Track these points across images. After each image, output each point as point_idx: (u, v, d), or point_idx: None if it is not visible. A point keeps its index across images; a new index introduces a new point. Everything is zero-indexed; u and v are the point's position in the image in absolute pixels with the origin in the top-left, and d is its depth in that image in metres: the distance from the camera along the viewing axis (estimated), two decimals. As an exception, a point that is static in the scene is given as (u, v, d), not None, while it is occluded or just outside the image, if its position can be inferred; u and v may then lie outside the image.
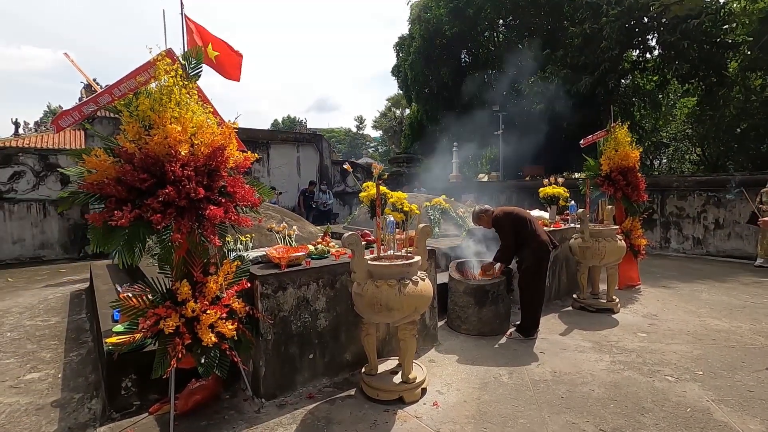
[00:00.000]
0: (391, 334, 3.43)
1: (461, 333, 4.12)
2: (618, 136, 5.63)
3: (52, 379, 3.34)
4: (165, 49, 2.46)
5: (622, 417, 2.67)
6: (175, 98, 2.34)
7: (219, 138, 2.52)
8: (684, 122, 17.67)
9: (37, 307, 5.36)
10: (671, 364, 3.42)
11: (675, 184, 9.05)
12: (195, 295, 2.49)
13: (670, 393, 2.96)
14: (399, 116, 36.67)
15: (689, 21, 10.89)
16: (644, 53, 13.81)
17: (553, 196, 6.01)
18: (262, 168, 12.04)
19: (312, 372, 3.07)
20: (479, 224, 4.29)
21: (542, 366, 3.42)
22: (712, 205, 8.35)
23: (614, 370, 3.32)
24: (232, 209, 2.57)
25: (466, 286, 4.10)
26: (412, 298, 2.72)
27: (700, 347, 3.75)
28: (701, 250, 8.47)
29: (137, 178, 2.25)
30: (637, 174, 5.75)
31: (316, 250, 3.36)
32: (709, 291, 5.71)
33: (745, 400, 2.84)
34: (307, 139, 13.36)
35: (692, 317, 4.59)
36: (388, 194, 4.18)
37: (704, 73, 12.18)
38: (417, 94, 18.42)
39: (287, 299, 2.93)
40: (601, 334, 4.10)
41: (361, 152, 40.86)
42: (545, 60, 13.88)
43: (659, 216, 9.12)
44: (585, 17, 12.72)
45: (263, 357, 2.84)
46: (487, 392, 3.01)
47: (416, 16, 17.29)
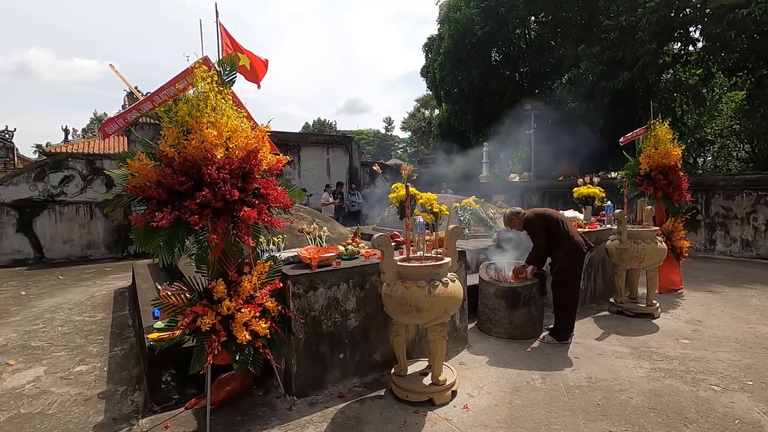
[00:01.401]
0: (421, 336, 3.42)
1: (492, 336, 4.05)
2: (658, 133, 5.40)
3: (98, 371, 3.54)
4: (202, 56, 2.56)
5: (663, 427, 2.55)
6: (211, 104, 2.44)
7: (252, 141, 2.60)
8: (731, 117, 16.70)
9: (85, 304, 5.68)
10: (717, 372, 3.25)
11: (721, 183, 8.56)
12: (230, 294, 2.57)
13: (715, 403, 2.80)
14: (428, 117, 36.50)
15: (737, 11, 10.27)
16: (686, 46, 13.12)
17: (588, 197, 5.82)
18: (293, 170, 12.28)
19: (342, 371, 3.11)
20: (511, 227, 4.22)
21: (577, 371, 3.32)
22: (763, 205, 7.85)
23: (654, 378, 3.18)
24: (265, 210, 2.64)
25: (496, 288, 4.03)
26: (441, 299, 2.71)
27: (750, 356, 3.54)
28: (750, 253, 7.97)
29: (176, 180, 2.35)
30: (679, 173, 5.49)
31: (346, 251, 3.40)
32: (759, 296, 5.37)
33: (801, 414, 2.66)
34: (337, 141, 13.52)
35: (741, 324, 4.33)
36: (418, 195, 4.18)
37: (754, 65, 11.47)
38: (446, 94, 18.27)
39: (318, 299, 2.98)
40: (640, 340, 3.94)
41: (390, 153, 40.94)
42: (580, 56, 13.45)
43: (704, 217, 8.66)
44: (621, 10, 12.24)
45: (295, 355, 2.90)
46: (519, 397, 2.95)
47: (445, 16, 17.16)
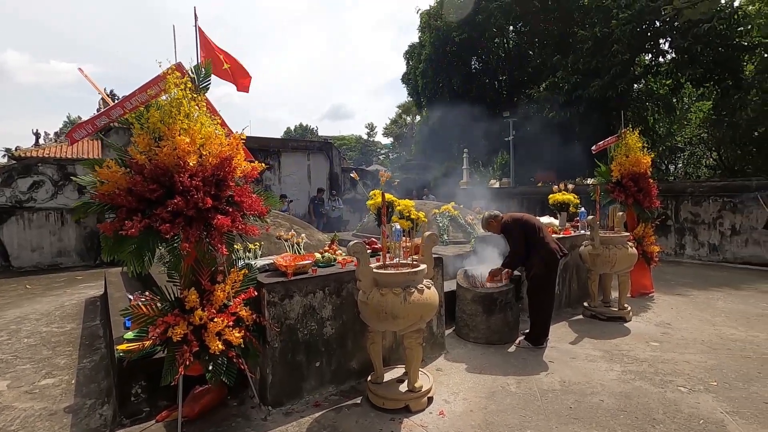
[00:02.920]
0: (398, 342, 3.42)
1: (469, 341, 4.09)
2: (629, 141, 5.58)
3: (65, 384, 3.42)
4: (175, 63, 2.53)
5: (632, 428, 2.62)
6: (184, 110, 2.41)
7: (227, 149, 2.58)
8: (699, 126, 17.37)
9: (54, 314, 5.49)
10: (684, 374, 3.35)
11: (689, 189, 8.89)
12: (203, 303, 2.53)
13: (682, 404, 2.89)
14: (409, 123, 36.78)
15: (702, 25, 10.75)
16: (657, 57, 13.66)
17: (563, 203, 5.95)
18: (273, 176, 12.19)
19: (319, 380, 3.08)
20: (488, 230, 4.26)
21: (551, 375, 3.38)
22: (729, 211, 8.17)
23: (625, 380, 3.26)
24: (239, 218, 2.62)
25: (474, 294, 4.08)
26: (417, 306, 2.72)
27: (715, 357, 3.67)
28: (717, 257, 8.28)
29: (147, 188, 2.31)
30: (649, 180, 5.68)
31: (322, 258, 3.39)
32: (725, 299, 5.58)
33: (761, 413, 2.77)
34: (318, 147, 13.49)
35: (707, 326, 4.49)
36: (396, 202, 4.20)
37: (719, 76, 12.00)
38: (427, 101, 18.50)
39: (294, 307, 2.96)
40: (612, 343, 4.04)
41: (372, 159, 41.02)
42: (556, 65, 13.82)
43: (673, 222, 8.96)
44: (595, 21, 12.65)
45: (270, 364, 2.87)
46: (494, 402, 2.98)
47: (426, 24, 17.41)
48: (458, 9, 15.61)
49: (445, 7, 16.34)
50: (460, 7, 15.52)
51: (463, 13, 15.28)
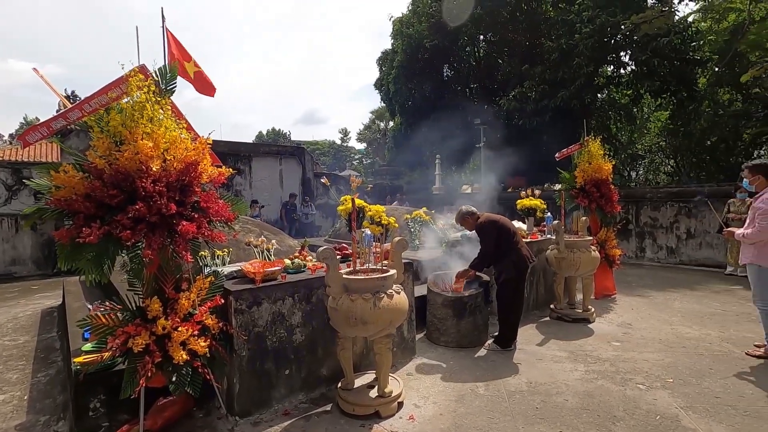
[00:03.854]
0: (369, 348, 3.42)
1: (440, 345, 4.13)
2: (591, 149, 5.80)
3: (17, 401, 3.23)
4: (138, 65, 2.46)
5: (594, 426, 2.71)
6: (148, 114, 2.35)
7: (192, 153, 2.53)
8: (658, 135, 18.28)
9: (5, 326, 5.18)
10: (643, 372, 3.50)
11: (648, 195, 9.32)
12: (166, 312, 2.46)
13: (640, 401, 3.02)
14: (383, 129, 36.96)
15: (659, 39, 11.33)
16: (618, 69, 14.30)
17: (531, 208, 6.13)
18: (244, 181, 11.98)
19: (288, 388, 3.04)
20: (462, 225, 4.26)
21: (518, 377, 3.45)
22: (684, 216, 8.62)
23: (588, 380, 3.38)
24: (205, 224, 2.57)
25: (444, 299, 4.13)
26: (387, 311, 2.74)
27: (671, 355, 3.85)
28: (675, 259, 8.70)
29: (107, 194, 2.24)
30: (610, 186, 5.92)
31: (292, 265, 3.36)
32: (681, 299, 5.87)
33: (712, 407, 2.92)
34: (290, 152, 13.37)
35: (665, 325, 4.70)
36: (366, 207, 4.21)
37: (675, 88, 12.66)
38: (400, 107, 18.64)
39: (262, 314, 2.91)
40: (577, 344, 4.17)
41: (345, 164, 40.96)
42: (524, 75, 14.23)
43: (634, 226, 9.36)
44: (560, 34, 13.13)
45: (237, 374, 2.81)
46: (463, 405, 3.02)
47: (398, 30, 17.59)
48: (429, 17, 15.86)
49: (417, 15, 16.59)
50: (431, 15, 15.78)
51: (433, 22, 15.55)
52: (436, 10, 15.72)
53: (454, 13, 14.24)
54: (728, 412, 2.85)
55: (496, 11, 14.59)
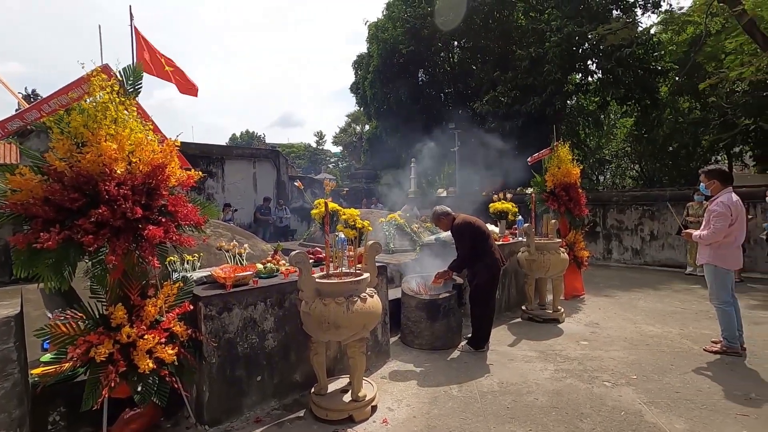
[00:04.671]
0: (343, 352, 3.41)
1: (414, 348, 4.15)
2: (560, 154, 5.98)
3: (-32, 416, 3.04)
4: (101, 64, 2.39)
5: (563, 424, 2.78)
6: (111, 115, 2.27)
7: (159, 156, 2.47)
8: (624, 141, 19.02)
9: (-43, 337, 4.88)
10: (609, 369, 3.62)
11: (614, 198, 9.67)
12: (131, 319, 2.38)
13: (606, 398, 3.12)
14: (359, 132, 36.97)
15: (623, 49, 11.82)
16: (586, 77, 14.82)
17: (503, 211, 6.25)
18: (216, 184, 11.73)
19: (260, 394, 2.99)
20: (438, 225, 4.29)
21: (491, 378, 3.51)
22: (648, 218, 8.98)
23: (557, 378, 3.46)
24: (173, 229, 2.50)
25: (418, 301, 4.15)
26: (360, 315, 2.73)
27: (635, 353, 3.99)
28: (639, 260, 9.06)
29: (67, 197, 2.15)
30: (579, 190, 6.11)
31: (264, 269, 3.31)
32: (645, 299, 6.10)
33: (673, 401, 3.05)
34: (264, 155, 13.18)
35: (629, 324, 4.88)
36: (341, 211, 4.20)
37: (639, 96, 13.22)
38: (376, 111, 18.71)
39: (233, 320, 2.86)
40: (547, 344, 4.27)
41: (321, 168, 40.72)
42: (496, 81, 14.55)
43: (602, 229, 9.69)
44: (531, 42, 13.51)
45: (207, 381, 2.74)
46: (436, 406, 3.04)
47: (373, 35, 17.67)
48: (404, 23, 16.01)
49: (392, 20, 16.72)
50: (406, 21, 15.93)
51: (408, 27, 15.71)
52: (410, 15, 15.88)
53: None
54: (687, 406, 2.98)
55: (469, 18, 14.87)
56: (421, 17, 15.54)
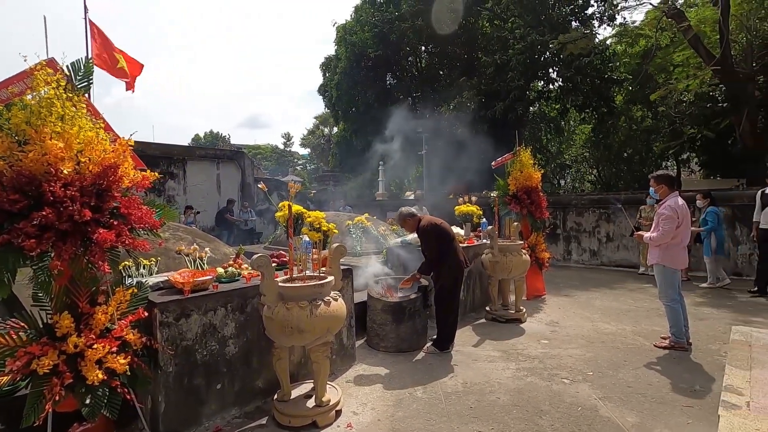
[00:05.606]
0: (307, 357, 3.35)
1: (380, 351, 4.15)
2: (522, 158, 6.16)
3: None
4: (46, 58, 2.25)
5: (523, 422, 2.85)
6: (57, 111, 2.15)
7: (111, 155, 2.35)
8: (582, 146, 19.86)
9: None
10: (567, 367, 3.75)
11: (573, 202, 10.06)
12: (79, 328, 2.25)
13: (564, 394, 3.23)
14: (327, 134, 36.74)
15: (581, 59, 12.35)
16: (547, 84, 15.39)
17: (468, 214, 6.37)
18: (177, 186, 11.31)
19: (220, 403, 2.90)
20: (403, 226, 4.29)
21: (455, 378, 3.55)
22: (604, 221, 9.40)
23: (519, 377, 3.55)
24: (126, 232, 2.39)
25: (383, 304, 4.16)
26: (324, 319, 2.70)
27: (592, 350, 4.16)
28: (597, 261, 9.46)
29: (6, 199, 2.01)
30: (540, 193, 6.32)
31: (226, 273, 3.22)
32: (601, 298, 6.37)
33: (626, 395, 3.19)
34: (228, 156, 12.84)
35: (587, 322, 5.08)
36: (306, 214, 4.15)
37: (596, 104, 13.85)
38: (343, 113, 18.65)
39: (191, 327, 2.75)
40: (509, 344, 4.38)
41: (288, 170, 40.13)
42: (463, 86, 14.85)
43: (562, 231, 10.06)
44: (495, 49, 13.88)
45: (163, 391, 2.63)
46: (401, 409, 3.05)
47: (342, 37, 17.63)
48: (372, 26, 16.07)
49: (360, 24, 16.74)
50: (374, 24, 16.00)
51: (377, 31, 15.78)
52: (378, 19, 15.96)
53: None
54: (638, 399, 3.13)
55: (437, 24, 15.08)
56: (389, 22, 15.65)
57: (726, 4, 8.72)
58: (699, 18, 10.84)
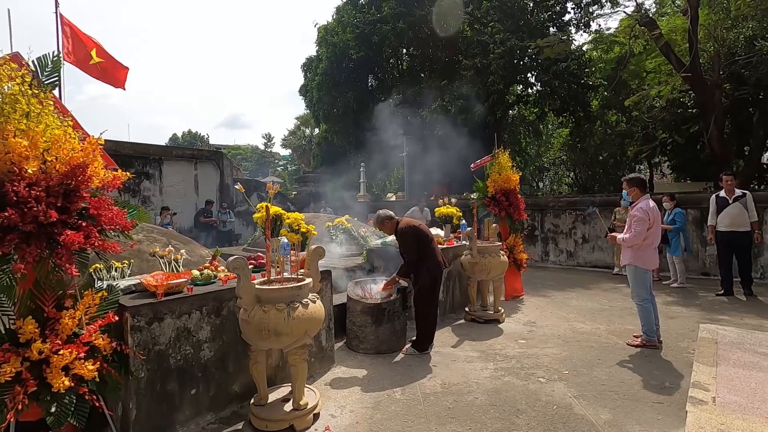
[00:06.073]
0: (285, 360, 3.32)
1: (359, 353, 4.14)
2: (501, 161, 6.25)
3: None
4: (10, 52, 2.17)
5: (500, 421, 2.89)
6: (22, 108, 2.07)
7: (80, 155, 2.27)
8: (560, 149, 20.29)
9: None
10: (544, 366, 3.81)
11: (551, 204, 10.26)
12: (45, 333, 2.17)
13: (540, 393, 3.28)
14: (308, 135, 36.50)
15: (559, 64, 12.62)
16: (526, 88, 15.67)
17: (448, 216, 6.42)
18: (153, 186, 11.04)
19: (194, 408, 2.83)
20: (381, 229, 4.29)
21: (434, 379, 3.57)
22: (580, 222, 9.62)
23: (496, 377, 3.59)
24: (95, 234, 2.31)
25: (363, 306, 4.15)
26: (302, 321, 2.68)
27: (568, 349, 4.24)
28: (573, 262, 9.66)
29: (-35, 199, 1.92)
30: (518, 195, 6.41)
31: (201, 276, 3.15)
32: (577, 298, 6.51)
33: (599, 393, 3.26)
34: (207, 156, 12.61)
35: (563, 322, 5.18)
36: (284, 215, 4.11)
37: (573, 108, 14.16)
38: (325, 114, 18.55)
39: (164, 331, 2.69)
40: (488, 344, 4.43)
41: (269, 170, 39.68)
42: (444, 89, 14.97)
43: (540, 232, 10.24)
44: (476, 53, 14.04)
45: (134, 397, 2.55)
46: (380, 411, 3.04)
47: (323, 38, 17.55)
48: (354, 27, 16.06)
49: (342, 25, 16.71)
50: (356, 26, 15.99)
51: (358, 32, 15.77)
52: (360, 21, 15.96)
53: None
54: (611, 397, 3.20)
55: (418, 27, 15.18)
56: (371, 23, 15.67)
57: (695, 14, 9.05)
58: (670, 27, 11.24)
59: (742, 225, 6.06)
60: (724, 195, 6.25)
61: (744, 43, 11.19)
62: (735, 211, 6.09)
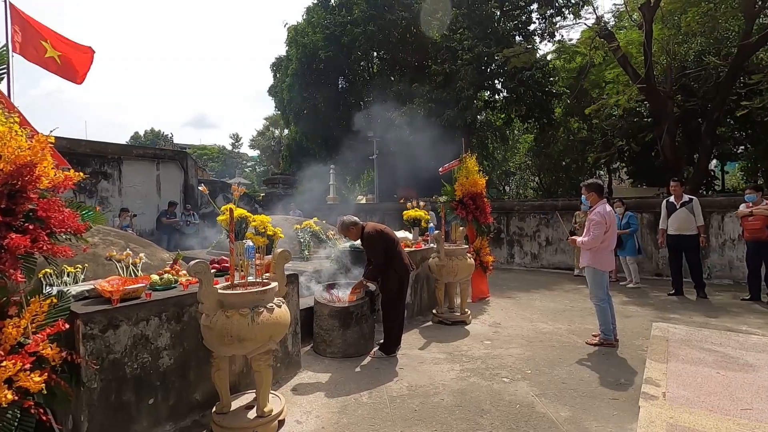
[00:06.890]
0: (249, 366, 3.24)
1: (326, 357, 4.10)
2: (468, 165, 6.37)
3: None
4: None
5: (465, 422, 2.93)
6: (-39, 104, 1.93)
7: (27, 153, 2.14)
8: (525, 155, 20.91)
9: None
10: (508, 366, 3.90)
11: (516, 207, 10.55)
12: (-15, 344, 2.03)
13: (504, 393, 3.36)
14: (278, 136, 35.96)
15: (524, 72, 13.02)
16: (494, 95, 16.05)
17: (416, 219, 6.48)
18: (112, 187, 10.56)
19: (153, 419, 2.72)
20: (347, 236, 4.28)
21: (400, 382, 3.58)
22: (544, 226, 9.94)
23: (462, 378, 3.65)
24: (44, 237, 2.19)
25: (330, 309, 4.12)
26: (266, 326, 2.63)
27: (531, 349, 4.36)
28: (537, 264, 9.97)
29: None
30: (485, 199, 6.55)
31: (161, 280, 3.04)
32: (540, 299, 6.72)
33: (560, 391, 3.38)
34: (170, 156, 12.18)
35: (527, 323, 5.33)
36: (250, 218, 4.02)
37: (538, 115, 14.63)
38: (294, 115, 18.35)
39: (120, 338, 2.57)
40: (454, 345, 4.49)
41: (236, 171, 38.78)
42: (414, 93, 15.13)
43: (505, 235, 10.50)
44: (445, 58, 14.28)
45: (86, 409, 2.42)
46: (346, 415, 3.03)
47: (293, 39, 17.37)
48: (324, 29, 15.99)
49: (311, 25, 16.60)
50: (326, 27, 15.92)
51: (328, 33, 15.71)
52: (330, 22, 15.90)
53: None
54: (571, 395, 3.32)
55: (387, 30, 15.28)
56: (341, 25, 15.64)
57: (649, 29, 9.57)
58: (627, 40, 11.82)
59: (689, 229, 6.44)
60: (673, 200, 6.62)
61: (693, 58, 11.94)
62: (682, 215, 6.47)
